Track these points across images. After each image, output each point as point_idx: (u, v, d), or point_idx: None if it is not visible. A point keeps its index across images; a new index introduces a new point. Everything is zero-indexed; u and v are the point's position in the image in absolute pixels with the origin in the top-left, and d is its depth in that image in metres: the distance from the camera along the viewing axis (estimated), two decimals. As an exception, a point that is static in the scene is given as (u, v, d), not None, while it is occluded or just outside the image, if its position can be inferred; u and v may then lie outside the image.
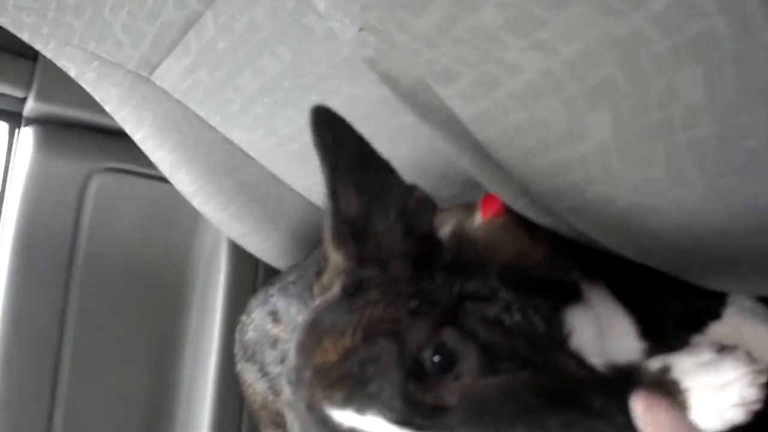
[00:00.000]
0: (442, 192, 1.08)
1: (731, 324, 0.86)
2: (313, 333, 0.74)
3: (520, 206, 0.83)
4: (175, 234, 1.63)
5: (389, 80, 0.80)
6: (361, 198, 0.78)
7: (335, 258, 0.81)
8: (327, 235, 0.80)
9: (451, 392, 0.65)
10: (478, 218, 0.91)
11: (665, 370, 0.82)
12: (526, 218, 0.86)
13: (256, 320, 1.28)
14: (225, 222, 1.42)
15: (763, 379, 0.78)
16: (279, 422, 1.24)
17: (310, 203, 1.38)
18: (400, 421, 0.64)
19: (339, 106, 1.11)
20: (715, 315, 0.87)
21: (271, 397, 1.23)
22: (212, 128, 1.33)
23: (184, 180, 1.39)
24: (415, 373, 0.65)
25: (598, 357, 0.81)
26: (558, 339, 0.77)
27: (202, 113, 1.31)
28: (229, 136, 1.33)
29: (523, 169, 0.70)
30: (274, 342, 1.21)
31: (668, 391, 0.82)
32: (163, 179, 1.44)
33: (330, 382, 0.68)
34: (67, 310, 1.53)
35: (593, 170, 0.63)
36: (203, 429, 1.48)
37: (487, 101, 0.66)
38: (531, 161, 0.68)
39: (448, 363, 0.66)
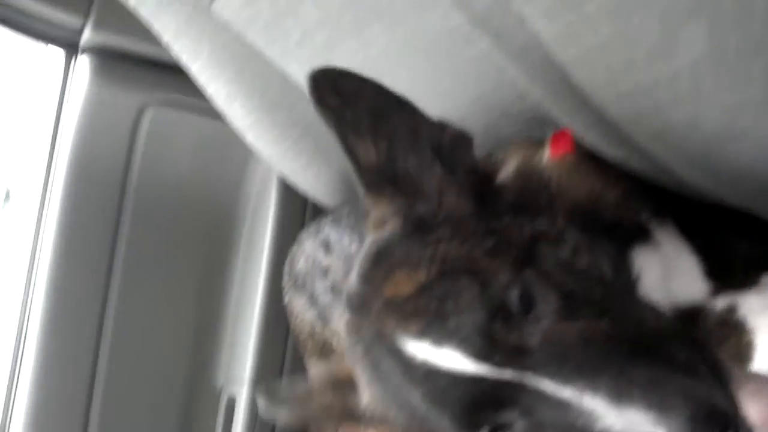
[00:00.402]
0: (503, 130, 1.06)
1: (804, 265, 0.84)
2: (382, 265, 0.74)
3: (592, 137, 0.81)
4: (225, 170, 1.63)
5: (463, 2, 0.78)
6: (380, 145, 0.77)
7: (376, 212, 0.80)
8: (361, 191, 0.80)
9: (532, 334, 0.65)
10: (546, 155, 0.89)
11: (731, 309, 0.80)
12: (597, 156, 0.84)
13: (308, 250, 1.28)
14: (278, 158, 1.41)
15: (835, 320, 0.77)
16: (325, 351, 1.25)
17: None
18: (479, 357, 0.64)
19: (402, 38, 1.09)
20: (788, 255, 0.84)
21: (319, 327, 1.24)
22: (269, 62, 1.32)
23: (239, 113, 1.39)
24: (499, 312, 0.65)
25: (663, 298, 0.79)
26: (627, 284, 0.75)
27: (260, 45, 1.29)
28: (286, 70, 1.31)
29: (603, 92, 0.68)
30: (325, 272, 1.22)
31: (734, 331, 0.80)
32: (216, 115, 1.44)
33: (404, 314, 0.68)
34: (118, 239, 1.54)
35: (683, 90, 0.60)
36: (247, 362, 1.49)
37: (572, 16, 0.63)
38: (614, 82, 0.65)
39: (529, 305, 0.66)
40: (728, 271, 0.84)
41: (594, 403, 0.61)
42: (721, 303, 0.81)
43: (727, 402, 0.60)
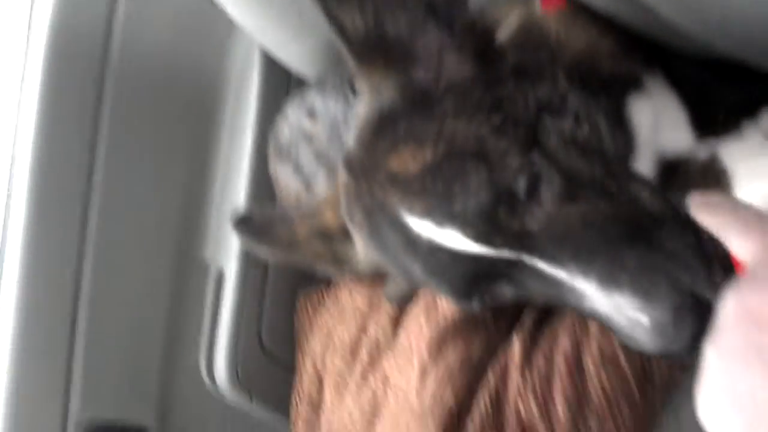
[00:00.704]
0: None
1: (785, 112, 0.86)
2: (385, 136, 0.74)
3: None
4: (208, 44, 1.59)
5: None
6: (366, 10, 0.74)
7: (370, 83, 0.79)
8: (352, 66, 0.78)
9: (534, 218, 0.67)
10: (538, 11, 0.89)
11: (713, 157, 0.83)
12: (588, 8, 0.85)
13: (292, 118, 1.28)
14: (261, 31, 1.39)
15: (810, 165, 0.80)
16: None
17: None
18: (481, 240, 0.67)
19: None
20: (769, 102, 0.87)
21: (304, 195, 1.26)
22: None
23: (222, -15, 1.36)
24: (505, 198, 0.67)
25: (652, 151, 0.82)
26: (625, 145, 0.78)
27: None
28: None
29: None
30: (310, 139, 1.22)
31: (715, 178, 0.83)
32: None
33: (410, 192, 0.70)
34: (101, 116, 1.52)
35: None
36: (235, 235, 1.51)
37: None
38: None
39: (534, 190, 0.67)
40: (712, 120, 0.87)
41: (585, 285, 0.64)
42: (703, 151, 0.84)
43: (711, 291, 0.61)
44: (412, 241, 0.71)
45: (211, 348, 1.61)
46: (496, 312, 1.07)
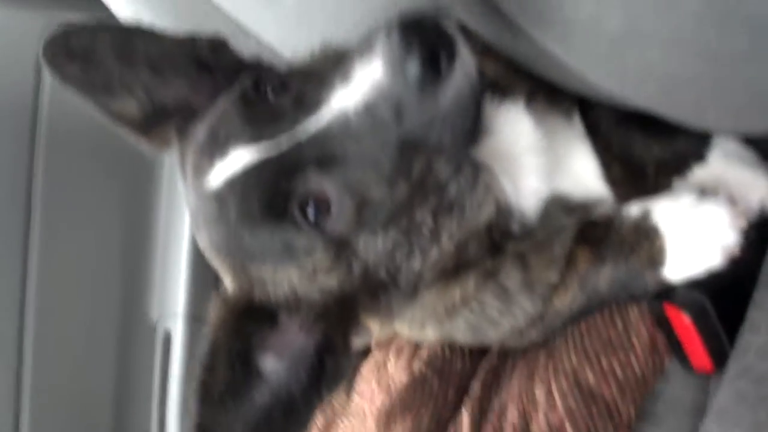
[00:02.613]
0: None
1: (715, 168, 0.88)
2: None
3: (501, 44, 0.83)
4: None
5: None
6: (137, 92, 0.84)
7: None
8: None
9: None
10: None
11: (644, 215, 0.86)
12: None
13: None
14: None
15: (743, 223, 0.82)
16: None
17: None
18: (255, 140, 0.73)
19: None
20: (699, 158, 0.89)
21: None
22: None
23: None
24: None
25: (542, 185, 0.85)
26: None
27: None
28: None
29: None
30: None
31: (646, 237, 0.85)
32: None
33: (198, 165, 0.79)
34: (34, 174, 1.53)
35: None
36: (180, 296, 1.53)
37: None
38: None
39: None
40: (642, 178, 0.89)
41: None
42: (634, 210, 0.86)
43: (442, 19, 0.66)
44: (220, 198, 0.75)
45: (162, 412, 1.62)
46: (444, 381, 1.08)
